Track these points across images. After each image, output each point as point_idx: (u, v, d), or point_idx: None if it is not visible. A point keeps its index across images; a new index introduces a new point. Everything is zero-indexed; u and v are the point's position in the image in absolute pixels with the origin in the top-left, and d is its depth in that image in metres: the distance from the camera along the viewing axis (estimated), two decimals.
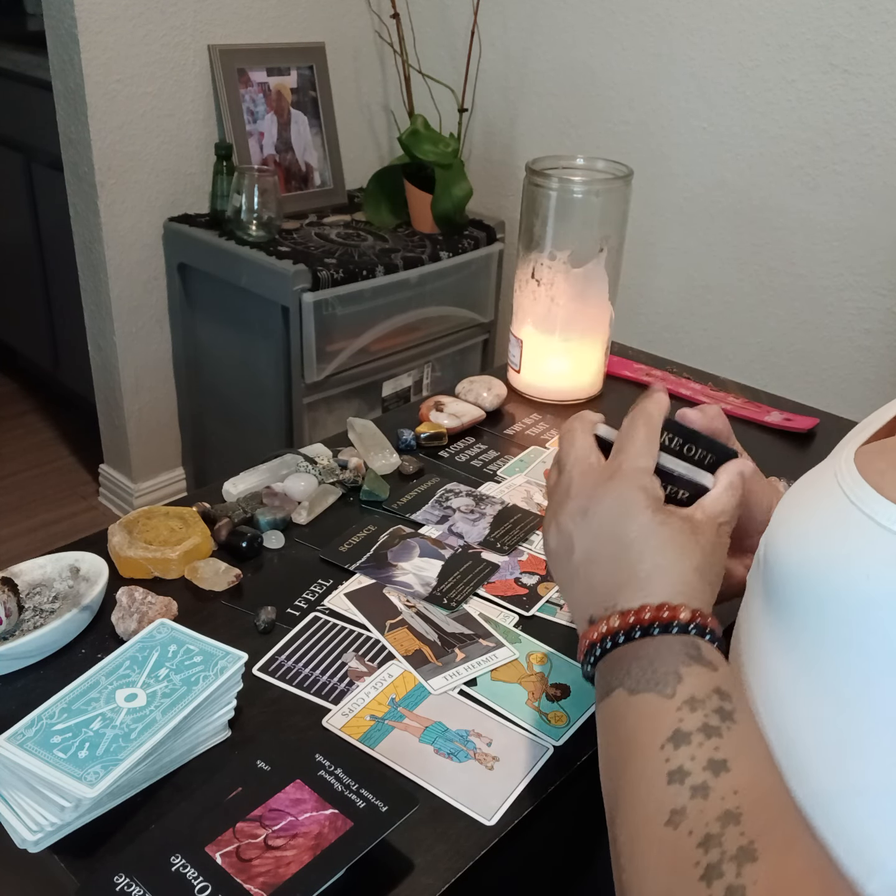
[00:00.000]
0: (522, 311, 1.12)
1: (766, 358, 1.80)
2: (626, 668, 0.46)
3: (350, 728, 0.63)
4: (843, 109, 1.58)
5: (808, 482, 0.49)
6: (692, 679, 0.44)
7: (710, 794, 0.40)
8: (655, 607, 0.47)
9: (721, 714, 0.43)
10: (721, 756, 0.41)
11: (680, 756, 0.42)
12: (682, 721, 0.43)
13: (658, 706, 0.44)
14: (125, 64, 1.78)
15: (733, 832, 0.38)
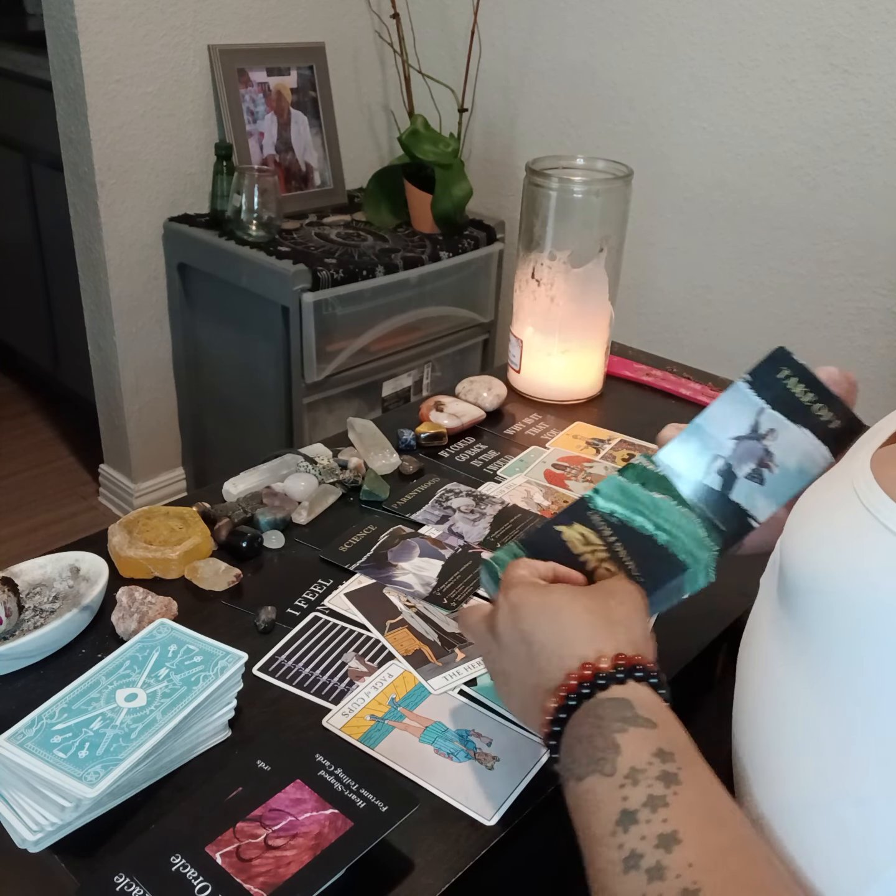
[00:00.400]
0: (522, 311, 1.12)
1: None
2: (571, 756, 0.47)
3: (350, 728, 0.63)
4: (843, 109, 1.57)
5: (823, 486, 0.49)
6: (630, 746, 0.44)
7: (666, 874, 0.40)
8: (577, 670, 0.48)
9: (665, 780, 0.42)
10: (670, 829, 0.41)
11: (631, 838, 0.41)
12: (627, 799, 0.43)
13: (602, 788, 0.44)
14: (125, 64, 1.78)
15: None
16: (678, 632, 0.75)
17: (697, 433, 0.58)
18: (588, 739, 0.45)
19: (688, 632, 0.75)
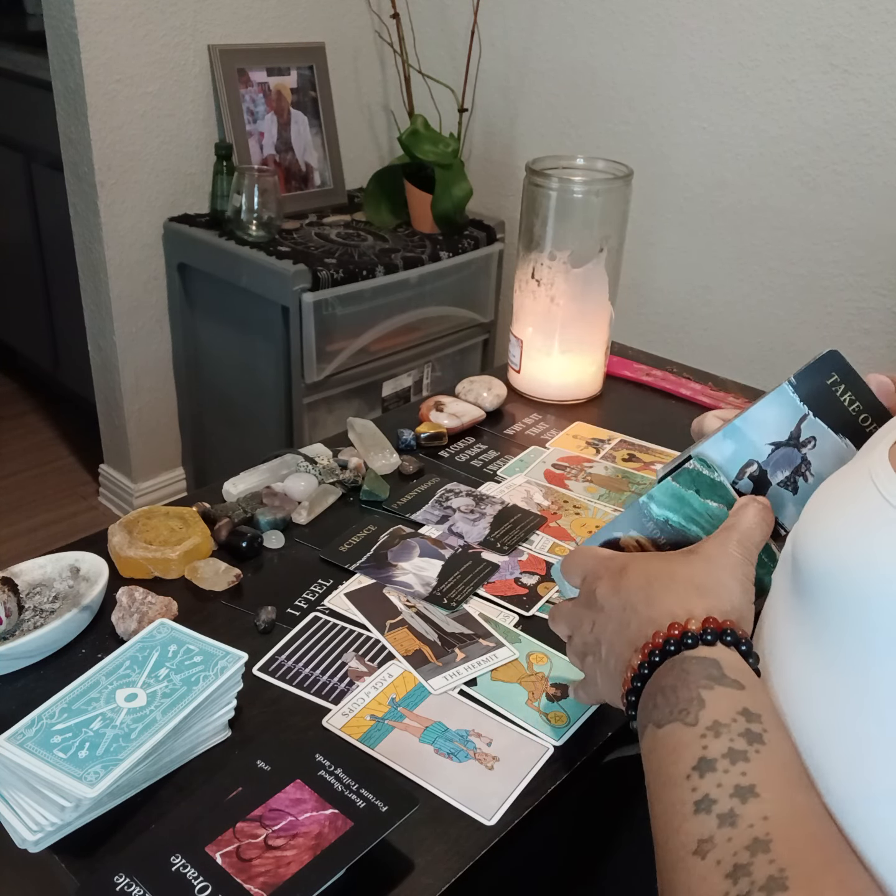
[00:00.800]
0: (522, 311, 1.12)
1: (766, 358, 1.80)
2: (652, 702, 0.46)
3: (350, 728, 0.63)
4: (843, 109, 1.57)
5: (838, 479, 0.49)
6: (715, 703, 0.44)
7: (738, 822, 0.39)
8: (666, 629, 0.48)
9: (748, 737, 0.42)
10: (748, 782, 0.40)
11: (706, 784, 0.41)
12: (707, 748, 0.42)
13: (682, 736, 0.44)
14: (125, 64, 1.78)
15: (762, 861, 0.37)
16: None
17: (735, 435, 0.57)
18: (672, 690, 0.45)
19: None
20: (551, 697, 0.67)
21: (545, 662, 0.70)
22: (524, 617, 0.75)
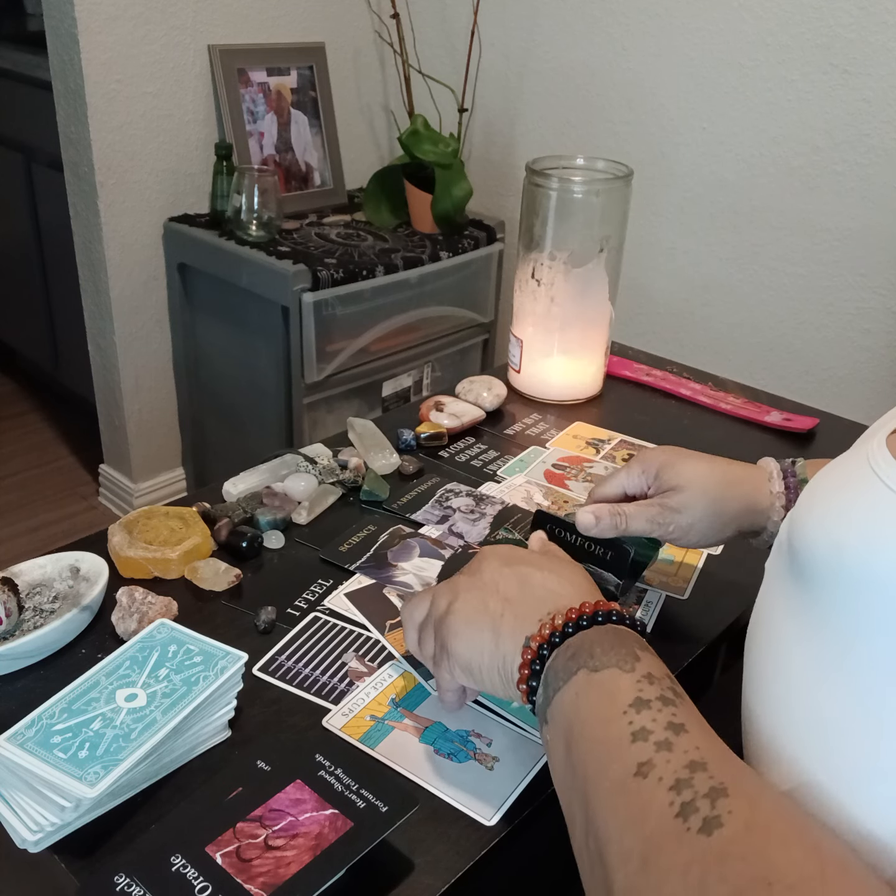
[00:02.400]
0: (522, 311, 1.12)
1: (766, 358, 1.80)
2: (588, 652, 0.49)
3: (350, 728, 0.63)
4: (843, 109, 1.58)
5: (835, 468, 0.49)
6: (647, 661, 0.48)
7: (675, 748, 0.42)
8: (593, 603, 0.52)
9: (674, 692, 0.46)
10: (679, 720, 0.44)
11: (642, 718, 0.44)
12: (642, 691, 0.46)
13: (619, 679, 0.47)
14: (125, 64, 1.78)
15: (702, 776, 0.40)
16: (678, 631, 0.75)
17: None
18: (610, 644, 0.49)
19: (688, 632, 0.75)
20: None
21: None
22: None
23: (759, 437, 1.06)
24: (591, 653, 0.49)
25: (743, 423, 1.09)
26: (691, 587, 0.80)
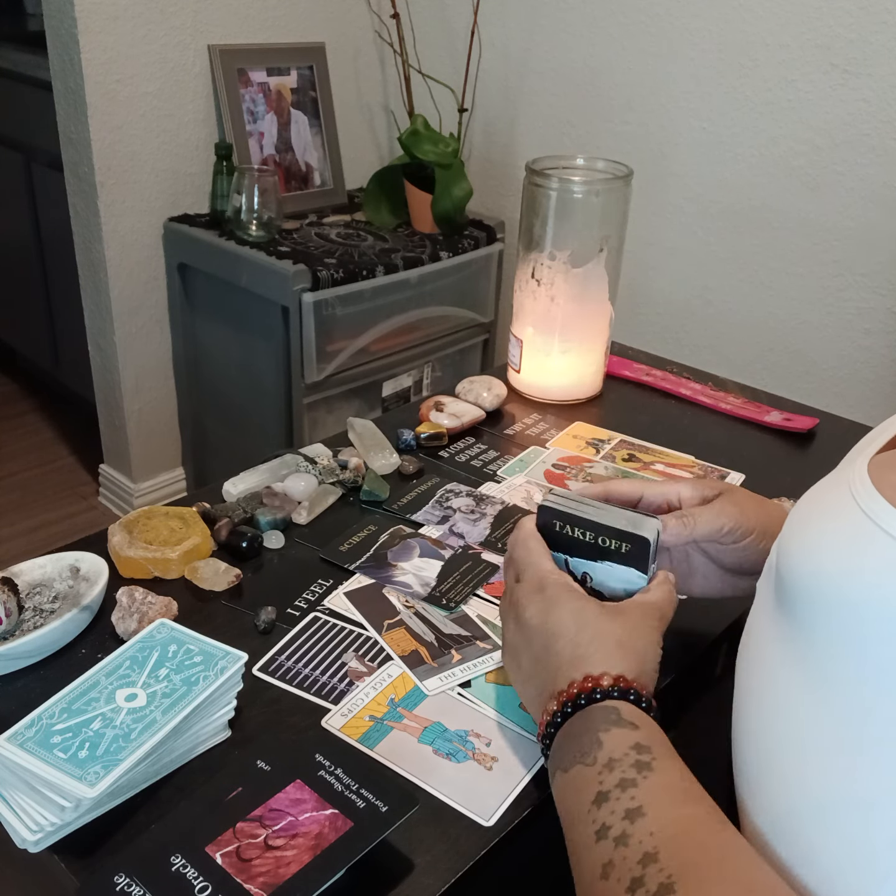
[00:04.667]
0: (522, 311, 1.12)
1: (766, 358, 1.80)
2: (560, 750, 0.52)
3: (349, 728, 0.63)
4: (843, 109, 1.58)
5: (820, 491, 0.49)
6: (611, 742, 0.49)
7: (630, 841, 0.44)
8: (580, 681, 0.53)
9: (637, 766, 0.47)
10: (637, 804, 0.45)
11: (602, 814, 0.46)
12: (602, 783, 0.47)
13: (583, 776, 0.48)
14: (125, 64, 1.78)
15: (653, 870, 0.42)
16: (678, 632, 0.75)
17: None
18: (576, 737, 0.51)
19: (688, 632, 0.75)
20: None
21: None
22: None
23: (759, 437, 1.06)
24: (562, 751, 0.51)
25: (743, 423, 1.09)
26: None
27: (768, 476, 0.97)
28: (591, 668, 0.53)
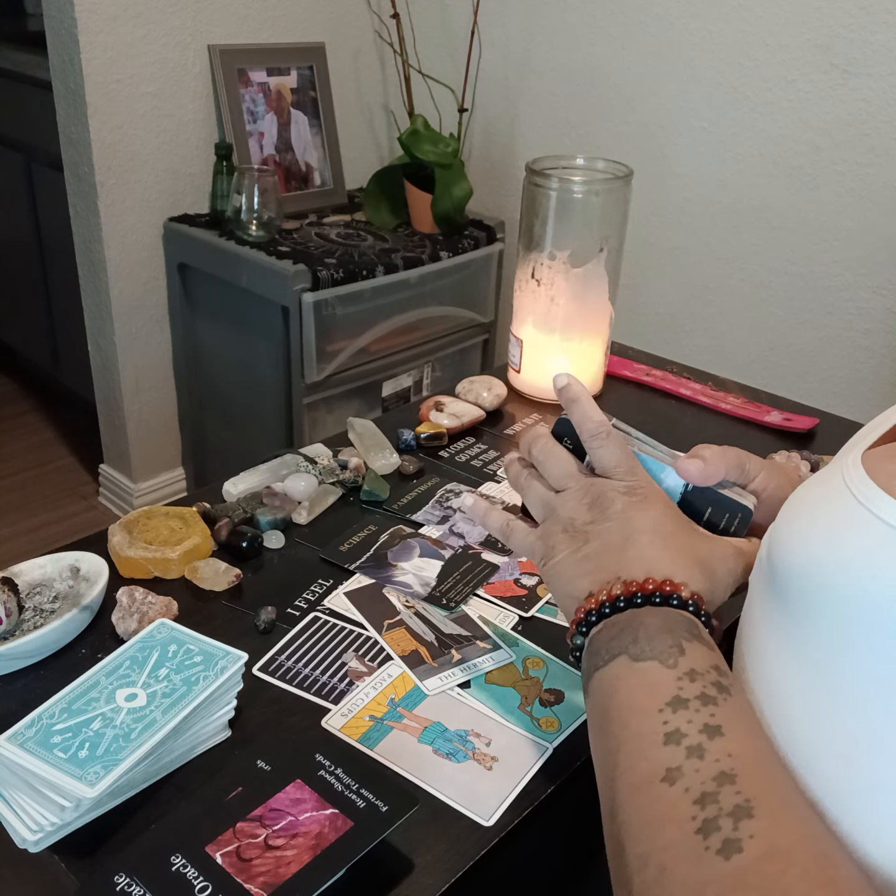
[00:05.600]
0: (522, 311, 1.12)
1: (766, 358, 1.80)
2: (632, 636, 0.48)
3: (349, 728, 0.63)
4: (843, 109, 1.58)
5: (813, 484, 0.49)
6: (693, 653, 0.47)
7: (706, 756, 0.41)
8: (659, 581, 0.50)
9: (718, 687, 0.45)
10: (717, 722, 0.43)
11: (677, 719, 0.43)
12: (682, 689, 0.45)
13: (660, 674, 0.46)
14: (125, 64, 1.78)
15: (729, 791, 0.40)
16: None
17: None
18: (655, 632, 0.48)
19: None
20: (544, 703, 0.67)
21: (541, 667, 0.70)
22: (523, 618, 0.75)
23: (759, 437, 1.06)
24: (636, 637, 0.48)
25: (743, 423, 1.09)
26: None
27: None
28: (673, 574, 0.51)
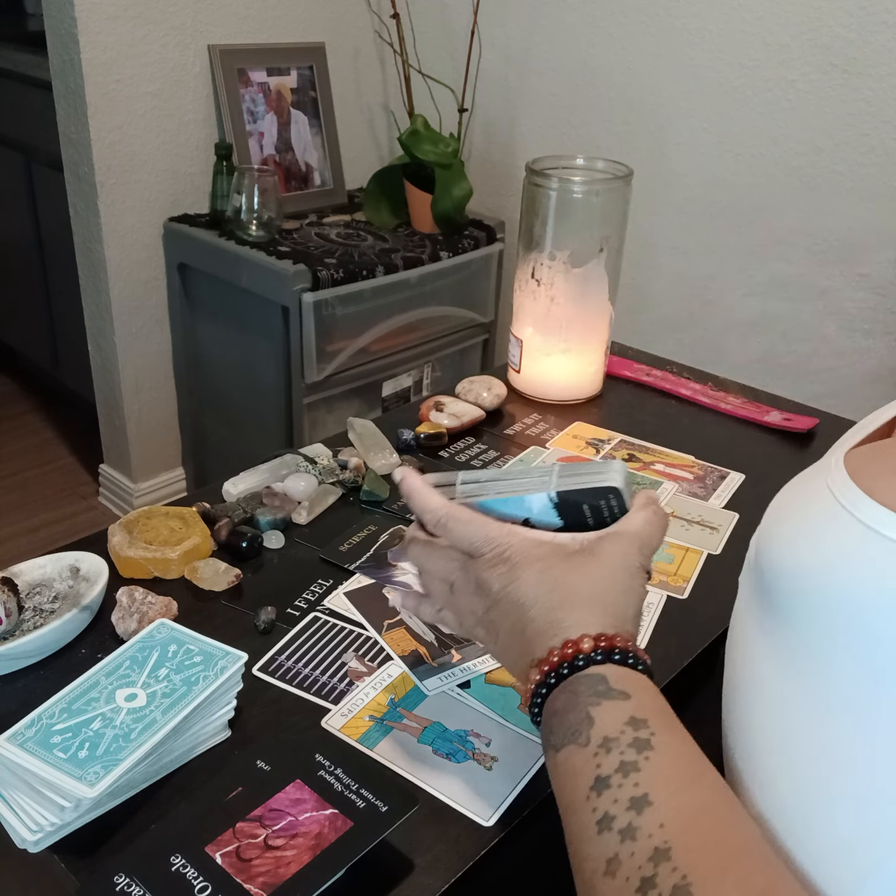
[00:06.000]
0: (522, 311, 1.12)
1: (766, 358, 1.80)
2: (549, 727, 0.47)
3: (349, 728, 0.63)
4: (843, 109, 1.58)
5: (798, 485, 0.49)
6: (603, 718, 0.45)
7: (638, 834, 0.40)
8: (559, 647, 0.48)
9: (636, 746, 0.43)
10: (641, 791, 0.41)
11: (604, 802, 0.42)
12: (600, 766, 0.43)
13: (577, 758, 0.44)
14: (125, 64, 1.78)
15: (666, 869, 0.39)
16: (678, 631, 0.75)
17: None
18: (563, 713, 0.46)
19: (688, 631, 0.75)
20: None
21: None
22: None
23: (759, 437, 1.06)
24: (551, 728, 0.47)
25: (743, 423, 1.09)
26: (691, 587, 0.80)
27: (768, 476, 0.97)
28: (568, 631, 0.48)
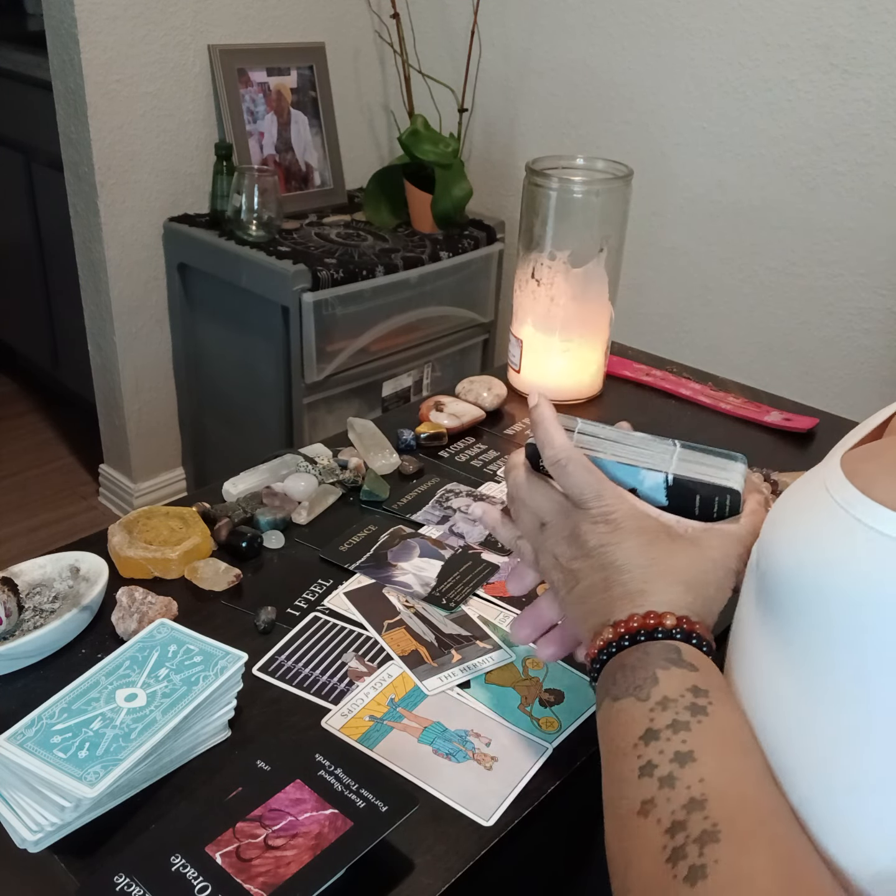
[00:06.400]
0: (522, 311, 1.11)
1: (766, 358, 1.80)
2: (612, 678, 0.50)
3: (349, 728, 0.63)
4: (843, 109, 1.58)
5: (798, 487, 0.50)
6: (668, 681, 0.47)
7: (677, 784, 0.42)
8: (642, 616, 0.50)
9: (692, 709, 0.45)
10: (687, 748, 0.44)
11: (649, 751, 0.45)
12: (653, 720, 0.46)
13: (634, 710, 0.47)
14: (125, 64, 1.78)
15: (698, 817, 0.41)
16: None
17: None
18: (631, 669, 0.49)
19: None
20: (544, 703, 0.67)
21: (541, 668, 0.70)
22: None
23: (759, 437, 1.06)
24: (614, 679, 0.49)
25: (743, 423, 1.09)
26: None
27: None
28: (656, 605, 0.51)
